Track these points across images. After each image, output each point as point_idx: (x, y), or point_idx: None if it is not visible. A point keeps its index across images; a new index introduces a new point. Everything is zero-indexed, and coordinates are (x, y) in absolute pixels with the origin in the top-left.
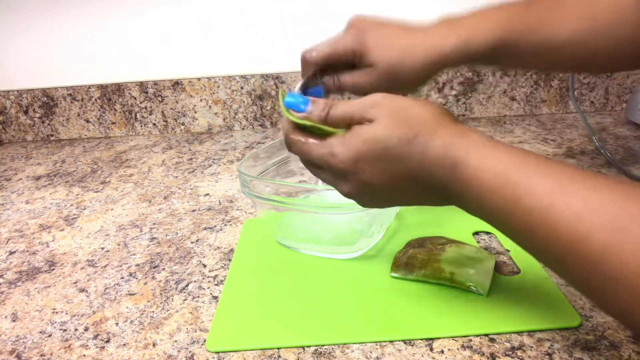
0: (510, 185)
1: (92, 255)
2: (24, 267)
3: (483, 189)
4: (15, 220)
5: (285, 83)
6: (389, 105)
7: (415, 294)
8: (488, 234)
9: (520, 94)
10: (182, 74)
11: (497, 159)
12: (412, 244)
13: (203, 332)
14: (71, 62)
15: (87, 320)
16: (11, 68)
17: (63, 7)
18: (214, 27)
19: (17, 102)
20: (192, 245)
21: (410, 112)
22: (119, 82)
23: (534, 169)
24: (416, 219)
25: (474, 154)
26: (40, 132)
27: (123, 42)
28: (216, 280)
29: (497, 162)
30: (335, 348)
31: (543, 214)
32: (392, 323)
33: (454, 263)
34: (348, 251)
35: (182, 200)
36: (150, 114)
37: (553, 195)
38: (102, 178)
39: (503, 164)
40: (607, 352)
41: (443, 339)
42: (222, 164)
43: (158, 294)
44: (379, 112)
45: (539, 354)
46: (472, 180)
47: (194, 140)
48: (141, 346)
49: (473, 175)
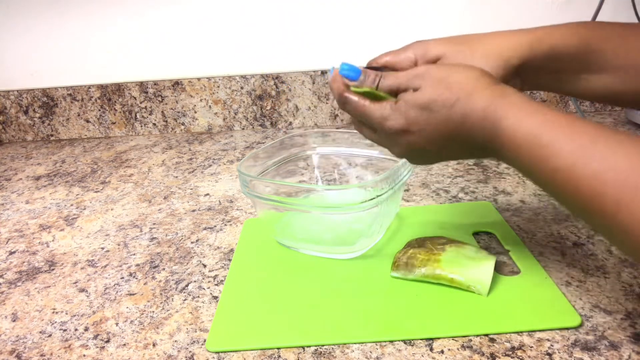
0: (539, 146)
1: (92, 255)
2: (24, 267)
3: (516, 148)
4: (15, 220)
5: (285, 83)
6: (432, 75)
7: (415, 294)
8: (488, 234)
9: None
10: (182, 74)
11: (530, 121)
12: (412, 244)
13: (203, 332)
14: (71, 62)
15: (87, 320)
16: (11, 68)
17: (63, 7)
18: (214, 27)
19: (17, 102)
20: (192, 245)
21: (451, 79)
22: (119, 82)
23: (561, 129)
24: (416, 219)
25: (510, 115)
26: (40, 132)
27: (123, 42)
28: (216, 280)
29: (530, 125)
30: (335, 348)
31: (566, 174)
32: (392, 323)
33: (454, 263)
34: (348, 251)
35: (182, 200)
36: (150, 114)
37: (575, 156)
38: (102, 178)
39: (535, 126)
40: (607, 352)
41: (443, 339)
42: (222, 164)
43: (158, 294)
44: (423, 81)
45: (539, 354)
46: (508, 140)
47: (194, 140)
48: (141, 346)
49: (509, 135)
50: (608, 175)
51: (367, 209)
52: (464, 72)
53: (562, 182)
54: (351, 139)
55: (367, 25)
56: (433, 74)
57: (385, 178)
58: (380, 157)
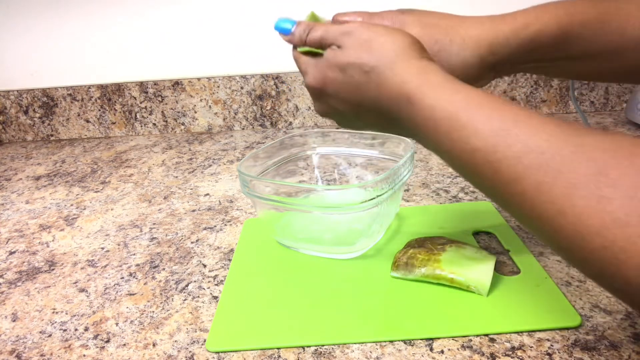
0: (458, 126)
1: (92, 255)
2: (24, 267)
3: (434, 128)
4: (15, 220)
5: (285, 83)
6: (358, 34)
7: (415, 294)
8: (488, 234)
9: (520, 94)
10: (182, 74)
11: (449, 100)
12: (412, 244)
13: (203, 332)
14: (71, 62)
15: (87, 320)
16: (11, 68)
17: (63, 7)
18: (214, 27)
19: (17, 102)
20: (192, 245)
21: (375, 43)
22: (119, 82)
23: (482, 109)
24: (416, 219)
25: (429, 94)
26: (40, 132)
27: (123, 42)
28: (216, 280)
29: (448, 104)
30: (335, 348)
31: (485, 155)
32: (392, 323)
33: (454, 263)
34: (348, 251)
35: (182, 200)
36: (150, 114)
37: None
38: (102, 178)
39: (454, 106)
40: (607, 352)
41: (443, 339)
42: (222, 164)
43: (158, 294)
44: (348, 40)
45: (539, 354)
46: (425, 120)
47: (194, 140)
48: (141, 346)
49: (426, 115)
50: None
51: (367, 209)
52: (391, 37)
53: (481, 163)
54: (351, 139)
55: None
56: (359, 33)
57: (385, 178)
58: (380, 157)
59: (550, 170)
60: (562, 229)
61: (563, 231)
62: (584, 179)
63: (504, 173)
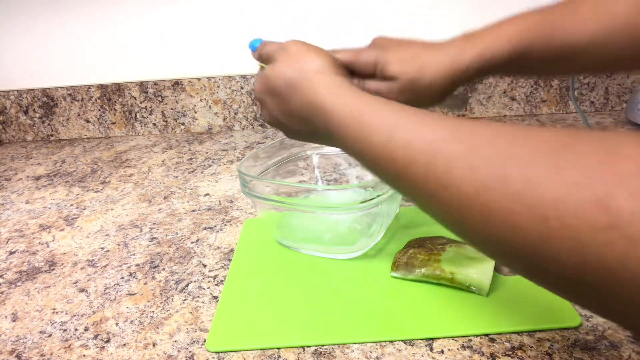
0: (361, 126)
1: (92, 255)
2: (24, 267)
3: (344, 131)
4: (15, 220)
5: None
6: (291, 51)
7: (415, 294)
8: None
9: (520, 94)
10: (182, 74)
11: (354, 104)
12: (412, 244)
13: (203, 332)
14: (71, 62)
15: (87, 320)
16: (11, 68)
17: (63, 7)
18: (214, 27)
19: (17, 102)
20: (192, 245)
21: (302, 58)
22: (119, 82)
23: (380, 109)
24: (416, 219)
25: (338, 102)
26: (40, 132)
27: (123, 42)
28: (216, 280)
29: (353, 107)
30: (335, 348)
31: (383, 147)
32: (392, 323)
33: (454, 263)
34: (348, 251)
35: (182, 200)
36: (150, 114)
37: (393, 130)
38: (102, 178)
39: (359, 111)
40: (607, 352)
41: (443, 339)
42: (222, 164)
43: (158, 294)
44: (281, 55)
45: (539, 354)
46: (338, 126)
47: (194, 140)
48: (141, 346)
49: (337, 121)
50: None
51: (367, 209)
52: (318, 55)
53: (380, 155)
54: None
55: (367, 25)
56: (290, 49)
57: None
58: None
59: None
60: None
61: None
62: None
63: (398, 160)
